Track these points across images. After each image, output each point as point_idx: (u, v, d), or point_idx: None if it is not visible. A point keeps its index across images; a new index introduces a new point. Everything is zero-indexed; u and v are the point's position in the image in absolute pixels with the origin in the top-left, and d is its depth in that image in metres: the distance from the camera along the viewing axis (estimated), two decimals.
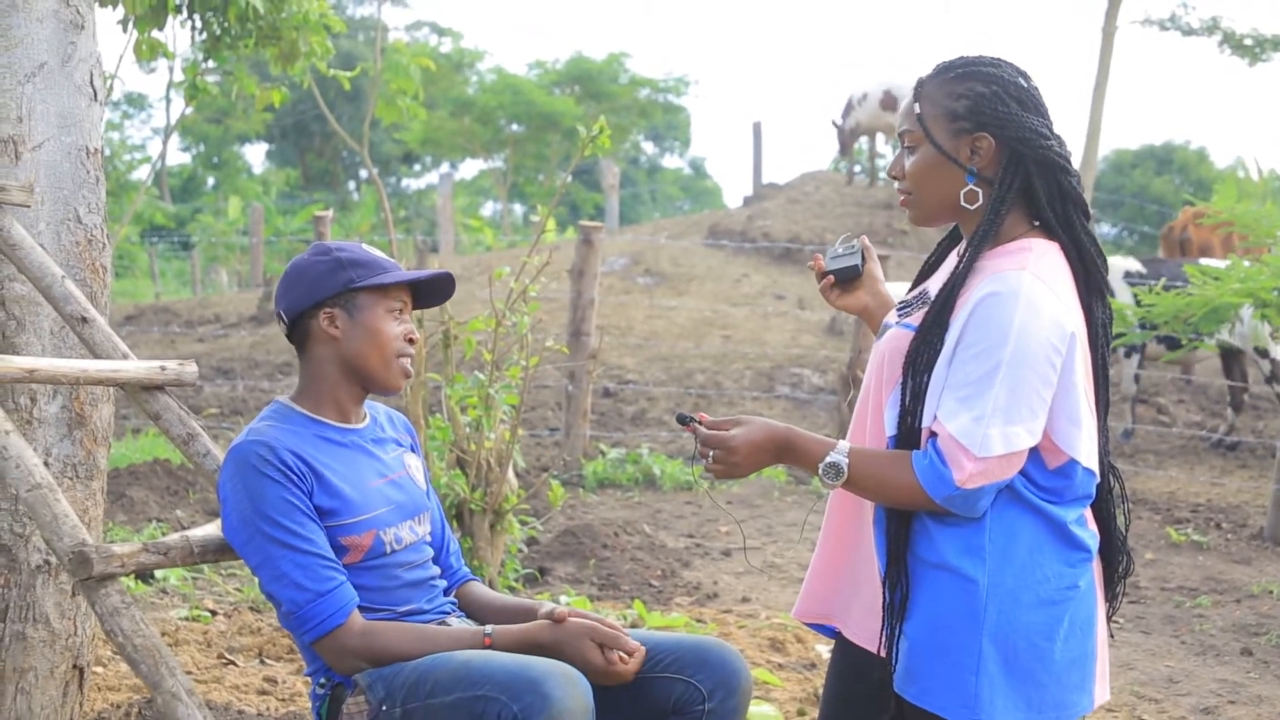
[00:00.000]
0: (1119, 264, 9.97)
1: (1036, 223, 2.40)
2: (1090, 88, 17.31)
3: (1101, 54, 17.25)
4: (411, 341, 2.77)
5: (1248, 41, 17.82)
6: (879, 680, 2.43)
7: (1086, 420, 2.32)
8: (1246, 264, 7.18)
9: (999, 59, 2.41)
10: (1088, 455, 2.32)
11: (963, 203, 2.39)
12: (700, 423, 2.39)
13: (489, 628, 2.63)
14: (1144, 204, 27.68)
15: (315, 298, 2.71)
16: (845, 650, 2.58)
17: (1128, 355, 9.88)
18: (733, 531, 7.20)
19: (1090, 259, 2.39)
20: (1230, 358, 10.00)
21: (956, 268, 2.36)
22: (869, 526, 2.47)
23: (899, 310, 2.51)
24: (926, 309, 2.36)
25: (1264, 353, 9.46)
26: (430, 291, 2.86)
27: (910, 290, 2.58)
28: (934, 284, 2.48)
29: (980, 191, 2.38)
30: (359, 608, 2.63)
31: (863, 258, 2.74)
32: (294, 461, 2.59)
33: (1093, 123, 17.31)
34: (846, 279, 2.74)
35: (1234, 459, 9.87)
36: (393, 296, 2.74)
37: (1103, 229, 29.04)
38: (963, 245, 2.44)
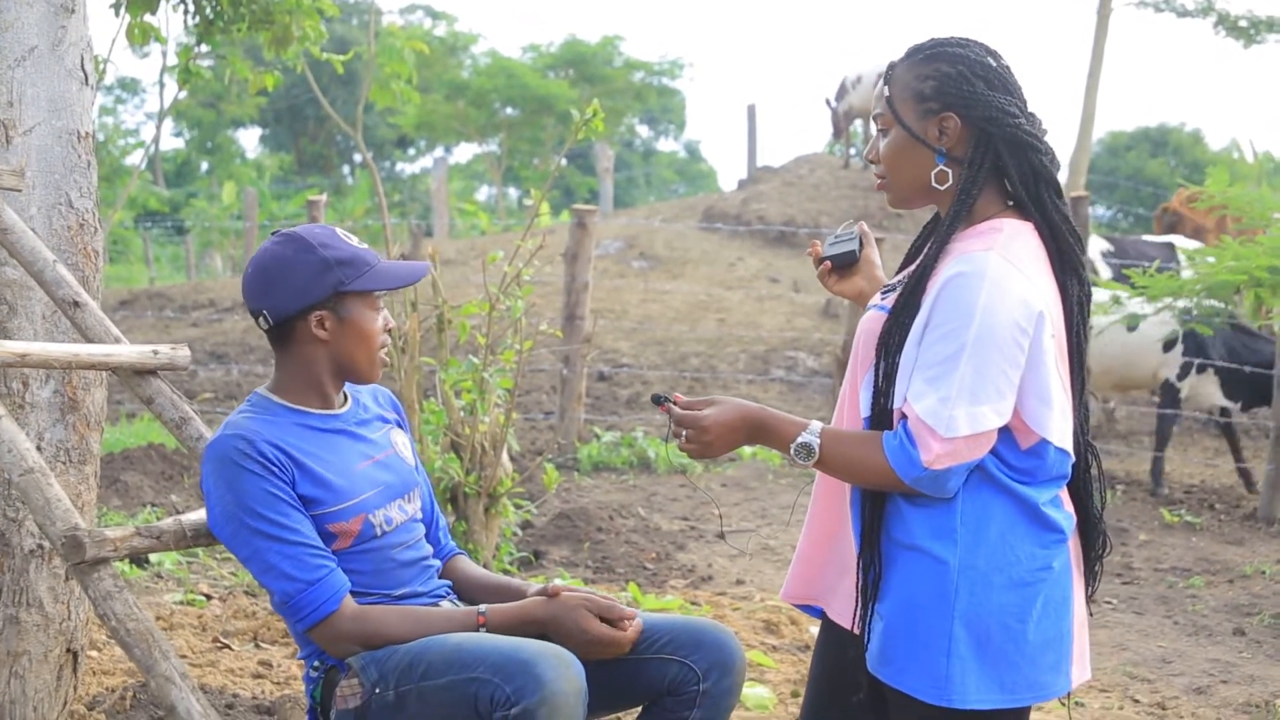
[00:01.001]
0: (1095, 244, 9.97)
1: (1011, 203, 2.40)
2: (1085, 70, 17.30)
3: (1096, 36, 17.24)
4: (390, 331, 2.76)
5: (1242, 23, 17.80)
6: (853, 658, 2.44)
7: (1059, 399, 2.31)
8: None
9: (967, 39, 2.41)
10: (1060, 435, 2.31)
11: (933, 183, 2.39)
12: (675, 402, 2.40)
13: (483, 607, 2.63)
14: (1139, 186, 27.68)
15: (305, 302, 2.65)
16: (831, 631, 2.59)
17: None
18: (727, 515, 7.22)
19: (1063, 238, 2.38)
20: None
21: (928, 249, 2.37)
22: (843, 519, 2.48)
23: (883, 294, 2.51)
24: (901, 292, 2.37)
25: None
26: None
27: (897, 274, 2.58)
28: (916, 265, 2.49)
29: (950, 172, 2.38)
30: (354, 593, 2.63)
31: (860, 243, 2.75)
32: (273, 452, 2.58)
33: (1088, 105, 17.30)
34: (844, 264, 2.75)
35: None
36: (377, 293, 2.72)
37: (1097, 211, 29.05)
38: None
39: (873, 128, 2.50)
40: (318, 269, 2.64)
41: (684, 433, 2.37)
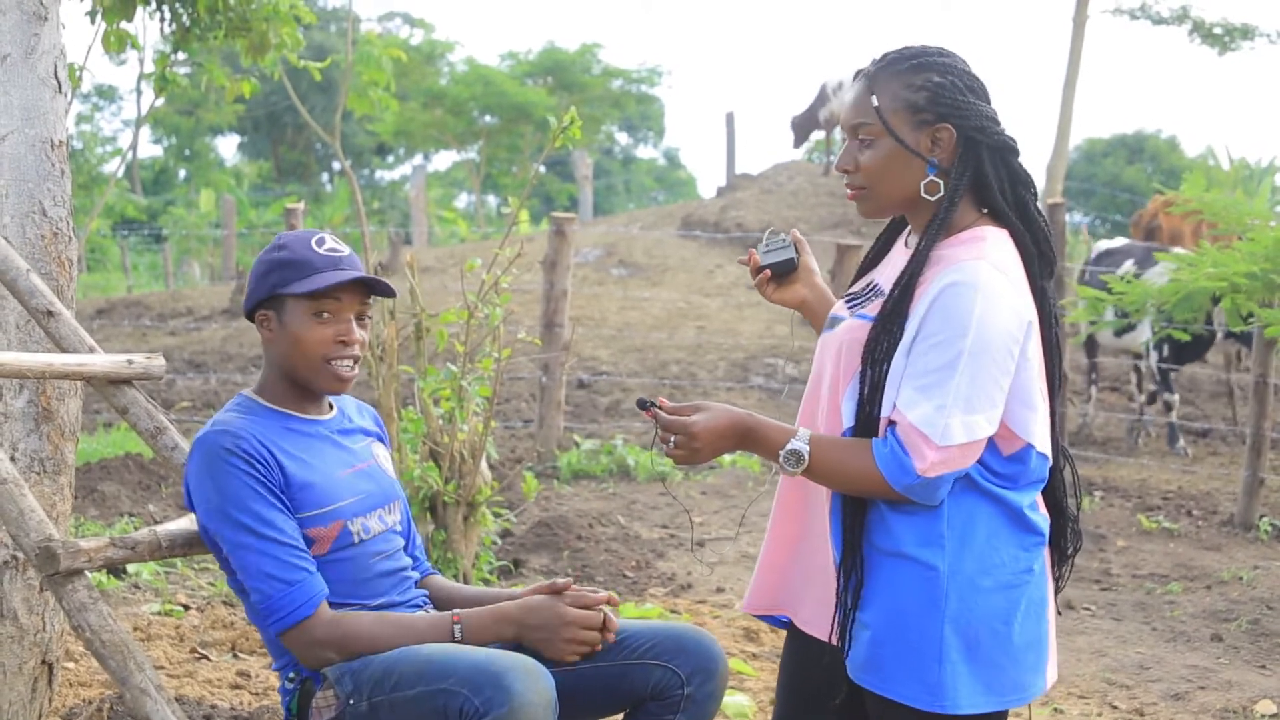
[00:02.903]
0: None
1: (985, 209, 2.41)
2: (1062, 77, 17.38)
3: (1073, 43, 17.32)
4: (346, 343, 2.70)
5: (1217, 30, 17.94)
6: (828, 665, 2.45)
7: (1040, 404, 2.34)
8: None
9: (944, 48, 2.42)
10: (1041, 439, 2.34)
11: (923, 194, 2.38)
12: (660, 408, 2.37)
13: (458, 611, 2.62)
14: (1116, 193, 27.82)
15: (253, 300, 2.72)
16: (797, 640, 2.58)
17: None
18: (706, 522, 7.21)
19: (1044, 240, 2.41)
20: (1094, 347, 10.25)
21: (912, 258, 2.36)
22: (815, 518, 2.48)
23: (848, 303, 2.51)
24: (885, 299, 2.36)
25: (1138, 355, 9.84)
26: (382, 284, 2.78)
27: (855, 282, 2.58)
28: (882, 275, 2.48)
29: (941, 182, 2.38)
30: (331, 602, 2.62)
31: (796, 251, 2.71)
32: (261, 451, 2.58)
33: (1064, 112, 17.38)
34: (783, 272, 2.71)
35: (1204, 446, 9.93)
36: (322, 299, 2.67)
37: (1075, 217, 29.17)
38: (908, 234, 2.47)
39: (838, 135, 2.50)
40: (265, 270, 2.70)
41: (672, 439, 2.35)
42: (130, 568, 5.40)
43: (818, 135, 19.36)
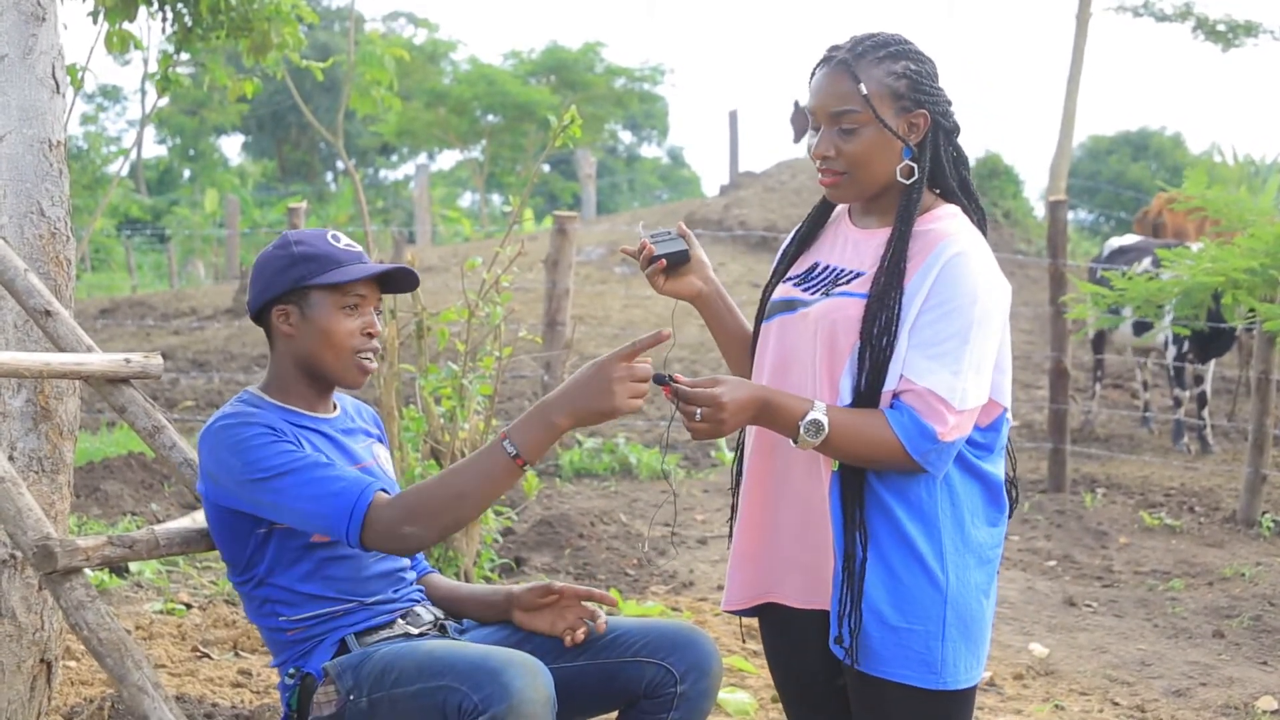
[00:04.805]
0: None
1: (936, 190, 2.50)
2: (1065, 74, 17.38)
3: (1076, 41, 17.32)
4: (372, 335, 2.72)
5: (1220, 27, 17.93)
6: (813, 640, 2.48)
7: (1008, 366, 2.44)
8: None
9: (901, 34, 2.49)
10: (1009, 400, 2.46)
11: (899, 178, 2.44)
12: (677, 382, 2.36)
13: (505, 430, 2.56)
14: (1120, 190, 27.79)
15: (269, 295, 2.69)
16: (782, 623, 2.58)
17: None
18: (709, 520, 7.21)
19: (983, 215, 2.52)
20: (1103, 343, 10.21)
21: (895, 237, 2.41)
22: (781, 508, 2.50)
23: (799, 285, 2.53)
24: (875, 276, 2.40)
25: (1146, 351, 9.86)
26: (397, 279, 2.80)
27: (789, 263, 2.61)
28: (830, 257, 2.53)
29: (914, 166, 2.44)
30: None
31: (686, 243, 2.70)
32: (275, 423, 2.60)
33: (1068, 109, 17.38)
34: (677, 263, 2.68)
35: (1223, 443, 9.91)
36: (349, 292, 2.69)
37: (1079, 215, 29.16)
38: (851, 216, 2.54)
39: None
40: (284, 264, 2.68)
41: (698, 412, 2.33)
42: (133, 567, 5.41)
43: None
